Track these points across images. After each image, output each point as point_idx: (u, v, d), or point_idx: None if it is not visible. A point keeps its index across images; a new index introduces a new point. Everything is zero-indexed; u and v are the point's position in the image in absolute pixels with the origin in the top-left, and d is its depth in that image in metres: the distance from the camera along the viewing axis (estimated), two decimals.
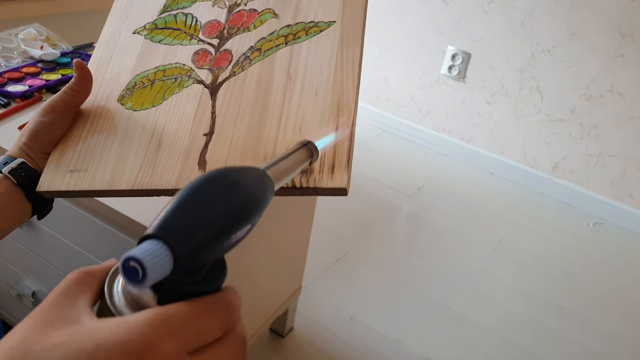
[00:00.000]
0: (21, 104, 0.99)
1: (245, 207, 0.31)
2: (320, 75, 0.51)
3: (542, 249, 1.91)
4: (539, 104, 2.17)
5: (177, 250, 0.27)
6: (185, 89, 0.55)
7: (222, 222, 0.29)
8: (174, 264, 0.27)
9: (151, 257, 0.26)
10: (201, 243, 0.28)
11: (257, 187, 0.33)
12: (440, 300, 1.60)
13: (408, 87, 2.48)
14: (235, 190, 0.31)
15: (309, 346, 1.39)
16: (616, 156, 2.07)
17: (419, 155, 2.40)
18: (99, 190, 0.50)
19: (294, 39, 0.55)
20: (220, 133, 0.50)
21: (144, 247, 0.26)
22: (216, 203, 0.30)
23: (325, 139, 0.44)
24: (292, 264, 1.29)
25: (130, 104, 0.55)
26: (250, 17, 0.58)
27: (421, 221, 1.98)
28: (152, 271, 0.26)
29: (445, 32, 2.30)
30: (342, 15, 0.55)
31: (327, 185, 0.43)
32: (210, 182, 0.30)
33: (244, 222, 0.31)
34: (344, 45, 0.53)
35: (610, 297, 1.73)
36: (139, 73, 0.58)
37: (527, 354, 1.47)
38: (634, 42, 1.91)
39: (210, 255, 0.30)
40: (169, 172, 0.49)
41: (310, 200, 1.25)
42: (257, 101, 0.51)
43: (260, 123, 0.50)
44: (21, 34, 1.15)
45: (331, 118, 0.48)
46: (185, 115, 0.53)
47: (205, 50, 0.57)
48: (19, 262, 1.04)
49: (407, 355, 1.41)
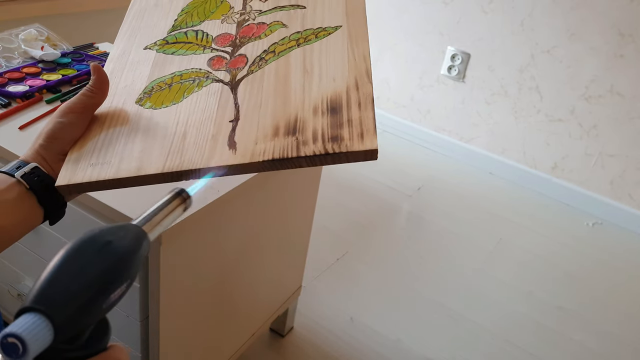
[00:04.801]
0: (22, 104, 0.99)
1: (120, 267, 0.31)
2: (335, 67, 0.53)
3: (542, 249, 1.91)
4: (538, 104, 2.18)
5: (56, 319, 0.27)
6: (204, 87, 0.56)
7: (98, 285, 0.30)
8: (55, 333, 0.27)
9: (30, 330, 0.26)
10: (79, 308, 0.28)
11: (130, 245, 0.33)
12: (440, 300, 1.60)
13: (408, 87, 2.48)
14: (109, 251, 0.31)
15: (309, 346, 1.40)
16: (615, 156, 2.07)
17: (419, 155, 2.41)
18: (125, 179, 0.49)
19: (305, 42, 0.57)
20: (246, 119, 0.51)
21: (21, 321, 0.26)
22: (90, 267, 0.30)
23: (197, 185, 0.46)
24: (292, 264, 1.30)
25: (150, 104, 0.56)
26: (260, 29, 0.60)
27: (421, 221, 1.98)
28: (33, 344, 0.25)
29: (445, 33, 2.30)
30: (347, 21, 0.58)
31: (359, 148, 0.45)
32: (83, 247, 0.31)
33: (120, 281, 0.31)
34: (352, 42, 0.55)
35: (609, 297, 1.74)
36: (156, 79, 0.58)
37: (527, 354, 1.47)
38: (633, 42, 1.91)
39: (91, 318, 0.30)
40: (198, 155, 0.49)
41: (310, 200, 1.25)
42: (278, 91, 0.52)
43: (284, 108, 0.50)
44: (22, 34, 1.16)
45: (352, 91, 0.50)
46: (208, 107, 0.53)
47: (220, 56, 0.58)
48: (20, 262, 1.04)
49: (407, 354, 1.41)
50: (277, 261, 1.20)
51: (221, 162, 0.47)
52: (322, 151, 0.46)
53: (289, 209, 1.17)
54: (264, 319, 1.25)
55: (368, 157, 0.46)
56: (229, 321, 1.10)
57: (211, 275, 0.97)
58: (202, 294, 0.96)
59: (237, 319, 1.14)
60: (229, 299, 1.06)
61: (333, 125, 0.47)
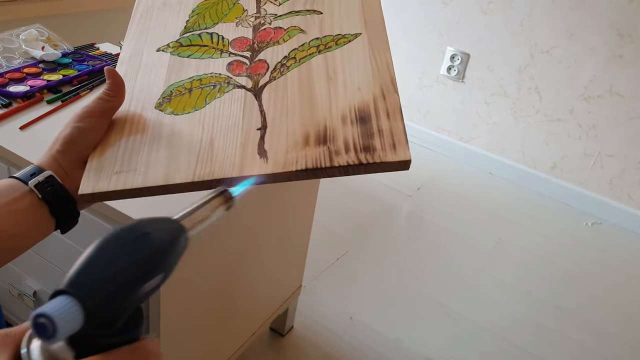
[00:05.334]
0: (22, 104, 0.99)
1: (156, 258, 0.32)
2: (359, 74, 0.52)
3: (541, 249, 1.91)
4: (537, 104, 2.18)
5: (86, 303, 0.27)
6: (226, 93, 0.54)
7: (131, 274, 0.30)
8: (85, 317, 0.27)
9: (60, 312, 0.26)
10: (111, 295, 0.29)
11: (168, 238, 0.33)
12: (440, 300, 1.61)
13: (407, 87, 2.49)
14: (146, 242, 0.31)
15: (308, 345, 1.40)
16: (615, 156, 2.08)
17: (418, 155, 2.41)
18: (153, 187, 0.48)
19: (326, 48, 0.56)
20: (274, 127, 0.50)
21: (53, 303, 0.27)
22: (125, 255, 0.30)
23: (241, 185, 0.45)
24: (292, 264, 1.30)
25: (170, 109, 0.54)
26: (277, 33, 0.59)
27: (421, 221, 1.98)
28: (62, 326, 0.26)
29: (444, 33, 2.31)
30: (366, 28, 0.57)
31: (392, 159, 0.46)
32: (121, 235, 0.31)
33: (153, 272, 0.31)
34: (374, 50, 0.54)
35: (608, 297, 1.74)
36: (173, 83, 0.56)
37: (526, 353, 1.47)
38: (632, 42, 1.92)
39: (122, 306, 0.30)
40: (228, 163, 0.48)
41: (310, 200, 1.25)
42: (304, 99, 0.51)
43: (312, 116, 0.50)
44: (22, 35, 1.16)
45: (379, 100, 0.50)
46: (233, 114, 0.52)
47: (239, 61, 0.57)
48: (21, 261, 1.05)
49: (407, 354, 1.42)
50: (277, 261, 1.21)
51: (254, 171, 0.46)
52: (356, 161, 0.45)
53: (289, 209, 1.17)
54: (264, 319, 1.25)
55: (400, 167, 0.46)
56: (229, 321, 1.11)
57: (211, 274, 0.97)
58: (202, 293, 0.96)
59: (237, 318, 1.14)
60: (229, 298, 1.07)
61: (364, 135, 0.47)
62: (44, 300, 1.05)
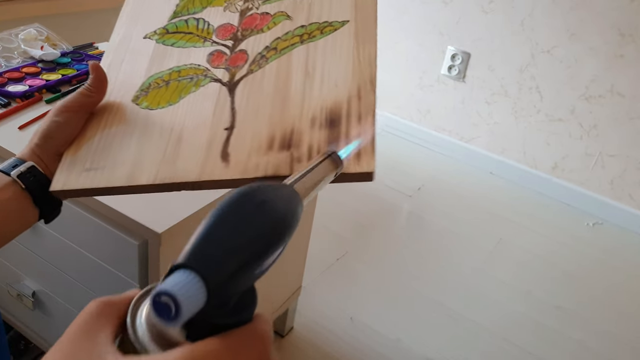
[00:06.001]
0: (21, 104, 0.99)
1: (279, 229, 0.29)
2: (338, 70, 0.51)
3: (542, 249, 1.91)
4: (538, 104, 2.18)
5: (210, 280, 0.24)
6: (202, 87, 0.54)
7: (256, 247, 0.27)
8: (207, 296, 0.24)
9: (185, 290, 0.23)
10: (235, 271, 0.26)
11: (288, 206, 0.30)
12: (440, 300, 1.60)
13: (408, 87, 2.48)
14: (267, 211, 0.28)
15: (308, 346, 1.40)
16: (616, 156, 2.07)
17: (419, 155, 2.40)
18: (117, 187, 0.48)
19: (309, 38, 0.54)
20: (241, 127, 0.49)
21: (174, 279, 0.24)
22: (249, 226, 0.27)
23: (347, 148, 0.43)
24: (292, 264, 1.30)
25: (146, 103, 0.54)
26: (263, 20, 0.58)
27: (421, 221, 1.98)
28: (187, 306, 0.23)
29: (445, 32, 2.30)
30: (355, 15, 0.55)
31: (354, 170, 0.43)
32: (240, 204, 0.28)
33: (278, 244, 0.29)
34: (359, 43, 0.53)
35: (609, 297, 1.74)
36: (153, 74, 0.57)
37: (526, 353, 1.47)
38: (633, 42, 1.91)
39: (243, 283, 0.27)
40: (191, 165, 0.47)
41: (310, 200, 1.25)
42: (277, 95, 0.50)
43: (282, 116, 0.49)
44: (21, 34, 1.16)
45: (354, 100, 0.48)
46: (204, 111, 0.51)
47: (220, 51, 0.56)
48: (19, 261, 1.04)
49: (407, 354, 1.41)
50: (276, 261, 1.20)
51: (214, 176, 0.46)
52: None
53: None
54: None
55: (363, 179, 0.44)
56: None
57: None
58: None
59: None
60: None
61: (329, 141, 0.45)
62: (43, 300, 1.04)
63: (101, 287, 0.90)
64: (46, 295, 1.03)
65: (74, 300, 0.97)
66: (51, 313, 1.05)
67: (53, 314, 1.04)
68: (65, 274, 0.95)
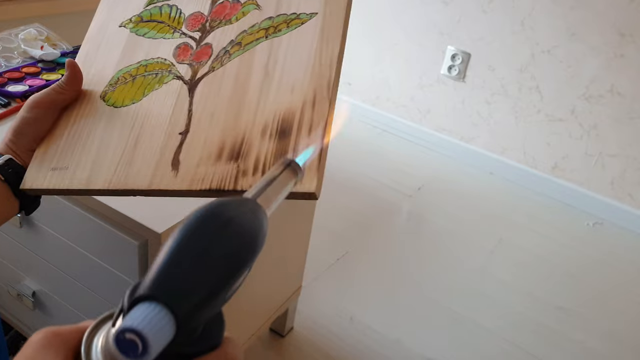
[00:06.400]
0: (21, 104, 0.98)
1: (248, 248, 0.27)
2: (297, 70, 0.50)
3: (542, 249, 1.91)
4: (538, 104, 2.18)
5: (179, 312, 0.23)
6: (164, 85, 0.54)
7: (225, 270, 0.26)
8: (177, 328, 0.23)
9: (151, 325, 0.22)
10: (205, 298, 0.24)
11: (254, 222, 0.28)
12: (440, 300, 1.60)
13: (408, 87, 2.48)
14: (234, 230, 0.27)
15: (308, 346, 1.40)
16: (616, 156, 2.07)
17: (419, 155, 2.40)
18: (77, 190, 0.49)
19: (275, 32, 0.54)
20: (195, 132, 0.50)
21: (139, 313, 0.22)
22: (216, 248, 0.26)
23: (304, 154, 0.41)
24: (292, 264, 1.30)
25: (112, 100, 0.55)
26: (232, 9, 0.58)
27: (421, 221, 1.98)
28: (155, 342, 0.21)
29: (445, 32, 2.30)
30: (324, 8, 0.53)
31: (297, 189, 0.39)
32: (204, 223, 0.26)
33: (246, 265, 0.27)
34: (323, 41, 0.51)
35: (609, 297, 1.73)
36: (122, 68, 0.57)
37: (527, 354, 1.47)
38: (633, 42, 1.91)
39: (213, 309, 0.26)
40: (143, 172, 0.48)
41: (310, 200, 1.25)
42: (234, 99, 0.51)
43: (235, 122, 0.49)
44: (21, 34, 1.16)
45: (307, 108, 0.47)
46: (162, 113, 0.52)
47: (187, 44, 0.57)
48: (19, 262, 1.04)
49: (407, 354, 1.41)
50: (277, 261, 1.20)
51: (161, 185, 0.46)
52: None
53: (288, 209, 1.17)
54: (264, 319, 1.25)
55: (306, 198, 0.43)
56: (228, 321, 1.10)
57: None
58: None
59: (236, 319, 1.14)
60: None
61: (277, 153, 0.45)
62: (43, 301, 1.04)
63: (101, 287, 0.90)
64: (46, 295, 1.03)
65: (74, 300, 0.97)
66: (51, 313, 1.05)
67: (53, 314, 1.04)
68: (65, 274, 0.95)
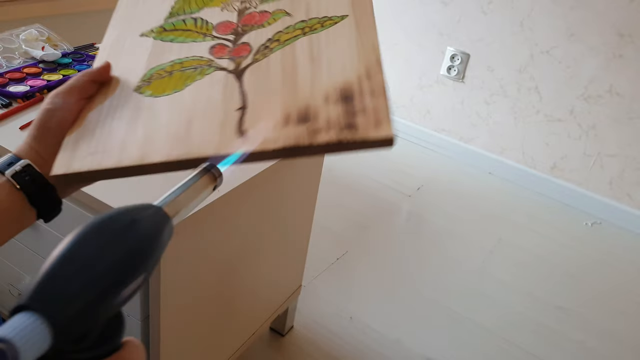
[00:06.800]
0: (22, 104, 0.99)
1: (142, 254, 0.27)
2: (344, 55, 0.51)
3: (541, 249, 1.91)
4: (537, 105, 2.18)
5: (56, 321, 0.22)
6: (207, 76, 0.53)
7: (110, 277, 0.25)
8: (54, 337, 0.22)
9: (22, 334, 0.21)
10: (86, 307, 0.24)
11: (151, 229, 0.28)
12: (440, 300, 1.61)
13: (407, 87, 2.49)
14: (124, 238, 0.26)
15: (308, 345, 1.40)
16: (615, 156, 2.08)
17: (418, 155, 2.41)
18: (129, 167, 0.47)
19: (311, 30, 0.55)
20: (254, 108, 0.48)
21: (12, 323, 0.22)
22: (103, 254, 0.25)
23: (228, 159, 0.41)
24: (292, 263, 1.30)
25: (150, 91, 0.53)
26: (262, 17, 0.58)
27: (421, 221, 1.98)
28: (26, 351, 0.21)
29: (444, 33, 2.31)
30: (353, 10, 0.56)
31: (375, 136, 0.43)
32: (97, 229, 0.26)
33: (137, 272, 0.26)
34: (360, 32, 0.53)
35: (608, 297, 1.74)
36: (154, 67, 0.56)
37: (526, 354, 1.47)
38: (632, 42, 1.92)
39: (99, 317, 0.25)
40: (206, 141, 0.46)
41: (310, 200, 1.25)
42: (286, 80, 0.50)
43: (294, 96, 0.48)
44: (22, 35, 1.16)
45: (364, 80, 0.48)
46: (213, 95, 0.51)
47: (222, 44, 0.56)
48: (20, 261, 1.05)
49: (407, 354, 1.42)
50: (277, 260, 1.21)
51: (232, 149, 0.45)
52: (336, 139, 0.43)
53: (289, 209, 1.17)
54: (264, 318, 1.25)
55: (384, 145, 0.44)
56: (229, 320, 1.11)
57: (211, 274, 0.97)
58: (202, 293, 0.96)
59: (237, 318, 1.14)
60: (229, 298, 1.07)
61: (346, 113, 0.45)
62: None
63: None
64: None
65: None
66: None
67: None
68: None
